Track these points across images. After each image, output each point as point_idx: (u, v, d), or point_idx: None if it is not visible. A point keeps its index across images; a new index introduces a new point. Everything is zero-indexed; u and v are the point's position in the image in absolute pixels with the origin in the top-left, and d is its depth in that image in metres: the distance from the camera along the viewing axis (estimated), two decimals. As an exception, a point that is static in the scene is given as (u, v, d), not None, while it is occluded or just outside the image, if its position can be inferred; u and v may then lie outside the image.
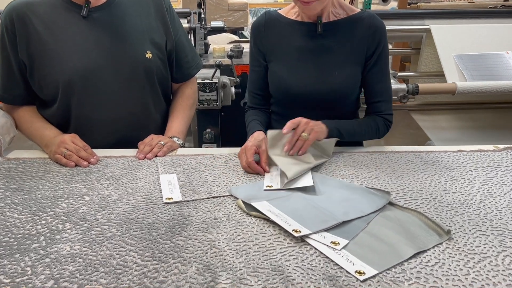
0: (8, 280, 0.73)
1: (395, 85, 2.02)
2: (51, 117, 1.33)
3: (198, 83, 2.04)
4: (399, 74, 2.30)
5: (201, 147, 2.18)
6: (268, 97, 1.41)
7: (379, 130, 1.30)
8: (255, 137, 1.21)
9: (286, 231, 0.86)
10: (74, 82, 1.25)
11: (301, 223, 0.86)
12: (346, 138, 1.25)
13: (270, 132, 1.17)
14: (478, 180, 1.09)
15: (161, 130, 1.41)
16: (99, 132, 1.32)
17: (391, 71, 2.24)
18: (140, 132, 1.33)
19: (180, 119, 1.43)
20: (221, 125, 2.22)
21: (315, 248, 0.81)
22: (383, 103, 1.31)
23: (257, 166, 1.12)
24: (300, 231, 0.84)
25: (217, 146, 2.20)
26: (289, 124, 1.13)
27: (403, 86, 2.02)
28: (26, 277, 0.74)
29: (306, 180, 1.05)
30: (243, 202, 0.96)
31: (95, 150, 1.24)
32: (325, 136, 1.20)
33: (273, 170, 1.13)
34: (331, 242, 0.82)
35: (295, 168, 1.07)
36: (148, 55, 1.32)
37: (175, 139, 1.34)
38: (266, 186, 1.05)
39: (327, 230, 0.85)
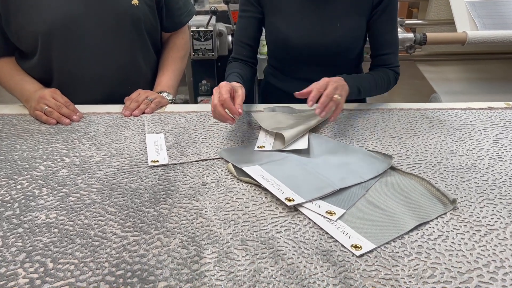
0: (-23, 253, 0.68)
1: (401, 34, 1.90)
2: (32, 71, 1.23)
3: (192, 31, 1.93)
4: (406, 22, 2.17)
5: (196, 99, 2.10)
6: (256, 49, 1.28)
7: (390, 84, 1.21)
8: (232, 83, 1.01)
9: (278, 199, 0.79)
10: (54, 32, 1.15)
11: (295, 191, 0.80)
12: (362, 96, 1.15)
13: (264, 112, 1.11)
14: (487, 141, 1.01)
15: (151, 85, 1.33)
16: (84, 89, 1.23)
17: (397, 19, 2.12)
18: (128, 87, 1.24)
19: (170, 73, 1.34)
20: (218, 76, 2.12)
21: (309, 218, 0.75)
22: (392, 55, 1.20)
23: (232, 105, 0.94)
24: (293, 200, 0.77)
25: (214, 98, 2.11)
26: (314, 93, 0.98)
27: (410, 35, 1.90)
28: (-4, 250, 0.68)
29: (301, 143, 0.98)
30: (234, 166, 0.89)
31: (78, 106, 1.16)
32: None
33: (268, 132, 1.05)
34: (326, 211, 0.76)
35: (293, 130, 1.00)
36: (135, 1, 1.21)
37: (164, 94, 1.25)
38: (258, 147, 0.98)
39: (322, 198, 0.79)
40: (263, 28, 1.26)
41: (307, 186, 0.82)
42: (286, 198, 0.78)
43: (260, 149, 0.97)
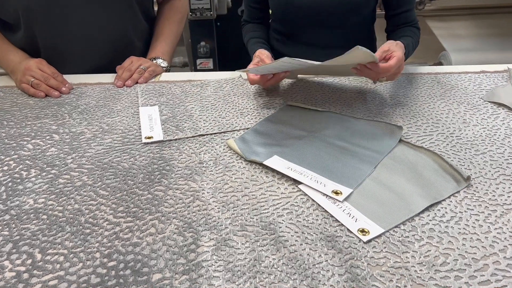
0: (-39, 244, 0.64)
1: (410, -12, 1.79)
2: (17, 44, 1.15)
3: (189, -10, 1.82)
4: (416, -25, 2.04)
5: (195, 62, 2.02)
6: (266, 9, 1.21)
7: (417, 44, 1.10)
8: (258, 55, 1.03)
9: (280, 178, 0.75)
10: (34, 8, 1.06)
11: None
12: None
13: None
14: (503, 109, 0.95)
15: (145, 57, 1.24)
16: (73, 64, 1.16)
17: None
18: (120, 62, 1.15)
19: (165, 37, 1.25)
20: (217, 37, 2.03)
21: (313, 200, 0.70)
22: (412, 11, 1.10)
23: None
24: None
25: (214, 61, 2.03)
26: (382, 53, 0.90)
27: (420, -10, 1.79)
28: (-19, 240, 0.64)
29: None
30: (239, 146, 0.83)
31: (68, 76, 1.10)
32: None
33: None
34: (332, 191, 0.71)
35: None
36: None
37: (159, 61, 1.18)
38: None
39: (327, 176, 0.74)
40: None
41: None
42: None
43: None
